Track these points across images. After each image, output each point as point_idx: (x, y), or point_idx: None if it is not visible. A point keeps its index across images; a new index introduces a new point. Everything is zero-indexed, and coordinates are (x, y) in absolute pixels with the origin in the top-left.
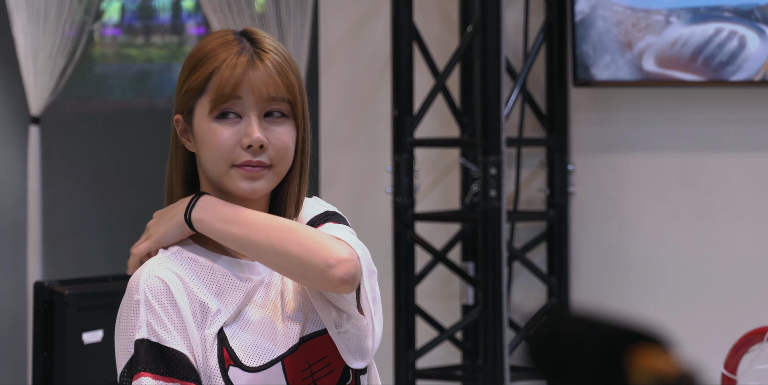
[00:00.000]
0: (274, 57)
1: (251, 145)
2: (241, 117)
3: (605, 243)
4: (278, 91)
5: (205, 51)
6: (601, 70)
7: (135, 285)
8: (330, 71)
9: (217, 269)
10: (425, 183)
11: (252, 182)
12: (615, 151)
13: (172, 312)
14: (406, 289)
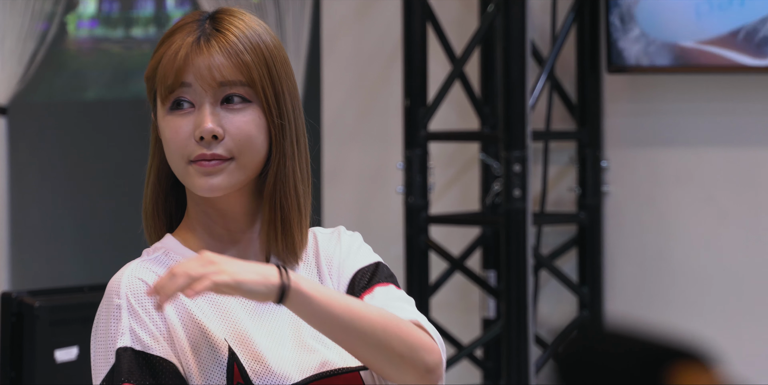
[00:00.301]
0: (227, 37)
1: (203, 137)
2: (195, 106)
3: (643, 249)
4: (231, 74)
5: (165, 35)
6: (630, 45)
7: (115, 288)
8: (333, 55)
9: None
10: (441, 182)
11: (209, 178)
12: (654, 145)
13: (157, 317)
14: (419, 301)
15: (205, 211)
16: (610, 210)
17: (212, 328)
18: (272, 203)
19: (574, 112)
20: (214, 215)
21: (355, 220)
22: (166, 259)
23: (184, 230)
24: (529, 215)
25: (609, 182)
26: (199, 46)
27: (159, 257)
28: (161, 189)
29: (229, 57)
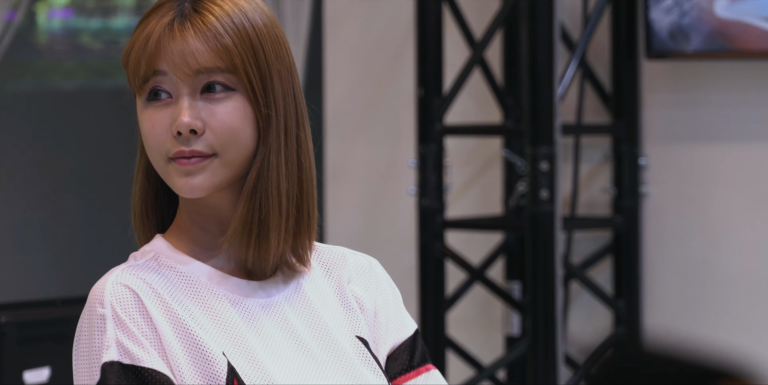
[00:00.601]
0: (206, 18)
1: (180, 132)
2: (172, 96)
3: (687, 257)
4: (209, 61)
5: (142, 17)
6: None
7: (99, 297)
8: (337, 40)
9: (204, 282)
10: (458, 182)
11: (189, 178)
12: (699, 140)
13: (146, 326)
14: (434, 316)
15: (197, 210)
16: (650, 213)
17: (208, 340)
18: (251, 202)
19: (609, 103)
20: (207, 213)
21: (361, 225)
22: (156, 264)
23: (176, 231)
24: (558, 220)
25: (648, 182)
26: (172, 29)
27: (148, 263)
28: (150, 187)
29: (206, 41)
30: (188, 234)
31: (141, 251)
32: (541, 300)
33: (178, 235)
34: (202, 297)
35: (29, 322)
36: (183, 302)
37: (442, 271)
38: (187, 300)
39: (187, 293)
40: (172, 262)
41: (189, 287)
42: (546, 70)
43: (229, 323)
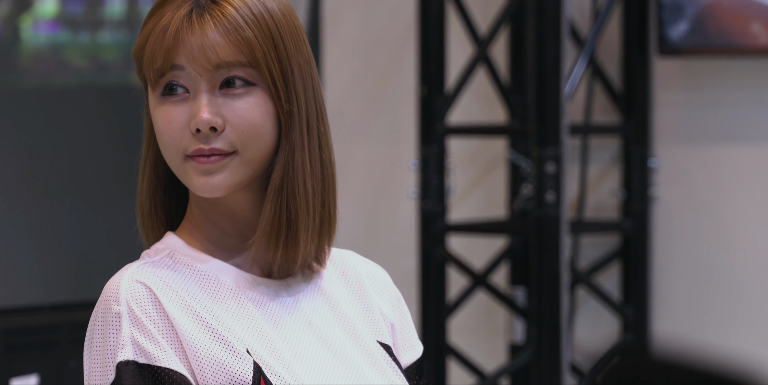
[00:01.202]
0: (225, 9)
1: (199, 129)
2: (190, 91)
3: (698, 263)
4: (229, 54)
5: (155, 5)
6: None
7: (113, 294)
8: (336, 36)
9: (224, 280)
10: (461, 184)
11: (208, 177)
12: (712, 141)
13: (163, 325)
14: (436, 322)
15: (211, 208)
16: (660, 217)
17: (232, 338)
18: (278, 202)
19: (619, 102)
20: (222, 211)
21: (361, 228)
22: (172, 261)
23: (189, 228)
24: (564, 223)
25: (658, 185)
26: (191, 21)
27: (163, 260)
28: (159, 183)
29: (226, 34)
30: (202, 232)
31: (154, 248)
32: (546, 306)
33: (191, 232)
34: (222, 295)
35: (17, 329)
36: (202, 300)
37: (443, 276)
38: (206, 298)
39: (206, 290)
40: (189, 259)
41: (207, 285)
42: (553, 67)
43: (251, 321)
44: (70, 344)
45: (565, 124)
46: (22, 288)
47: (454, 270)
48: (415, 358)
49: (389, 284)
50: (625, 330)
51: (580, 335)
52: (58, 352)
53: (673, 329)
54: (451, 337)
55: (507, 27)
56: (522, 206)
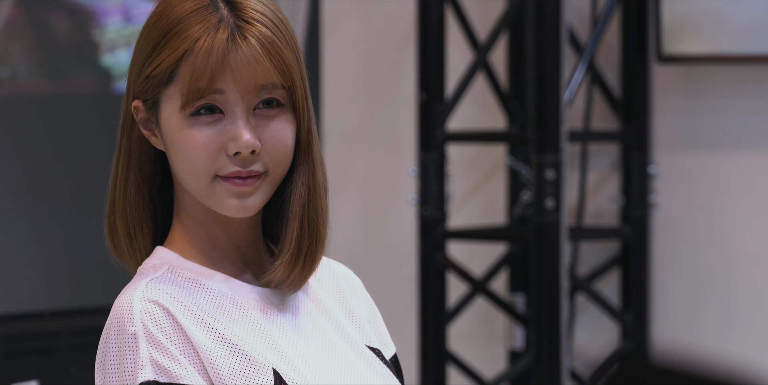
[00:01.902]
0: (261, 30)
1: (239, 152)
2: (224, 112)
3: (698, 269)
4: (269, 77)
5: (171, 21)
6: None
7: (127, 315)
8: (336, 42)
9: (226, 292)
10: (461, 190)
11: (243, 199)
12: (712, 148)
13: (180, 342)
14: (435, 329)
15: (207, 221)
16: (659, 224)
17: (249, 349)
18: (303, 220)
19: (618, 108)
20: (218, 225)
21: (360, 235)
22: (174, 277)
23: (179, 241)
24: (563, 230)
25: (658, 191)
26: (237, 45)
27: (165, 275)
28: (147, 194)
29: (269, 56)
30: (195, 244)
31: (150, 264)
32: (545, 313)
33: (183, 245)
34: (228, 308)
35: (17, 335)
36: (212, 314)
37: (443, 283)
38: (215, 311)
39: (213, 304)
40: (189, 273)
41: (213, 298)
42: (552, 74)
43: (260, 331)
44: (70, 350)
45: (564, 130)
46: (22, 294)
47: (454, 276)
48: (390, 355)
49: (362, 286)
50: (625, 337)
51: (579, 342)
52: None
53: (673, 336)
54: (451, 343)
55: (506, 33)
56: (521, 212)
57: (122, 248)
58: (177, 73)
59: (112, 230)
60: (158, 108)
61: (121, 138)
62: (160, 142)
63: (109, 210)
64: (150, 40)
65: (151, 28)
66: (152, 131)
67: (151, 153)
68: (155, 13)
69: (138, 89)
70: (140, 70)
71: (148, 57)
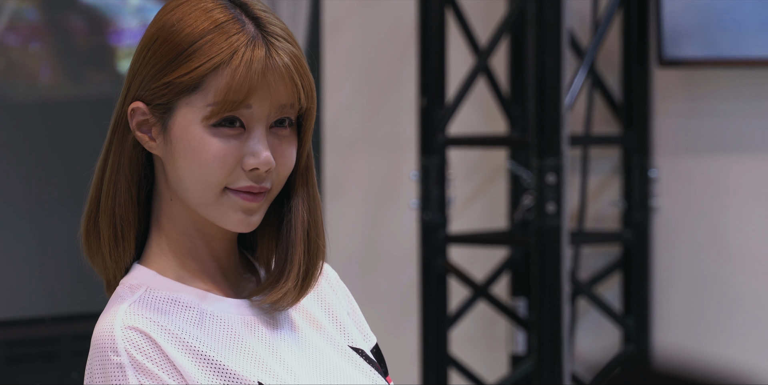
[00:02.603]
0: (290, 48)
1: (257, 168)
2: (246, 127)
3: (699, 273)
4: (293, 96)
5: (199, 29)
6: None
7: (109, 344)
8: (336, 47)
9: (206, 309)
10: (462, 195)
11: (248, 215)
12: (713, 152)
13: (167, 365)
14: (437, 333)
15: (193, 234)
16: (660, 228)
17: (235, 366)
18: (308, 245)
19: (619, 112)
20: (202, 238)
21: (361, 240)
22: (151, 298)
23: (158, 255)
24: (565, 234)
25: (659, 195)
26: (272, 61)
27: (143, 297)
28: (138, 205)
29: (300, 76)
30: (173, 257)
31: (128, 285)
32: (547, 317)
33: (160, 259)
34: (209, 325)
35: (18, 340)
36: (194, 334)
37: (444, 287)
38: (197, 331)
39: (193, 323)
40: (168, 293)
41: (194, 318)
42: (553, 78)
43: (244, 346)
44: (72, 356)
45: (565, 134)
46: (23, 300)
47: (455, 281)
48: (372, 345)
49: (337, 277)
50: (626, 341)
51: (581, 346)
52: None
53: (674, 340)
54: (453, 348)
55: (507, 38)
56: (522, 216)
57: (102, 249)
58: (205, 83)
59: (91, 230)
60: (172, 114)
61: (112, 138)
62: (158, 147)
63: (91, 209)
64: (172, 46)
65: (171, 33)
66: (150, 136)
67: (143, 158)
68: (173, 18)
69: (147, 93)
70: (156, 74)
71: (170, 63)
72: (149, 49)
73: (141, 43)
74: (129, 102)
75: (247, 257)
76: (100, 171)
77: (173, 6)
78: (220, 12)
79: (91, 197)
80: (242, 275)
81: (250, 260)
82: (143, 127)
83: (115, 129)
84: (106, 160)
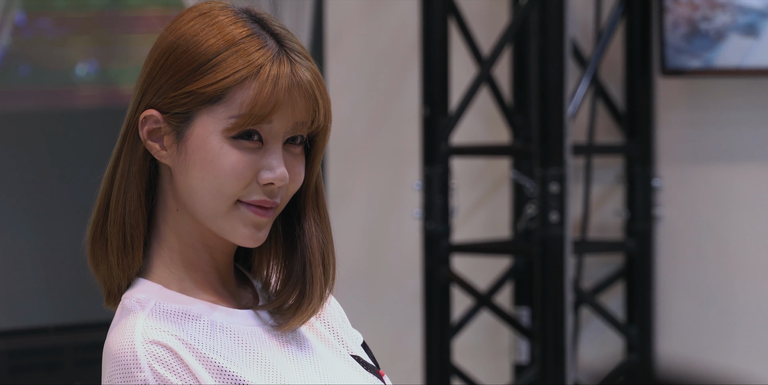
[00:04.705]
0: (309, 64)
1: (273, 183)
2: (263, 142)
3: (702, 283)
4: (310, 114)
5: (224, 40)
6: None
7: (132, 360)
8: (339, 56)
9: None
10: (465, 204)
11: (257, 231)
12: (716, 161)
13: (190, 378)
14: (440, 343)
15: (198, 246)
16: (664, 237)
17: (252, 378)
18: (325, 266)
19: (622, 122)
20: (206, 250)
21: (364, 249)
22: (163, 311)
23: (160, 267)
24: (568, 243)
25: (662, 205)
26: (297, 78)
27: (155, 310)
28: (146, 217)
29: (320, 95)
30: (176, 269)
31: (134, 298)
32: (550, 327)
33: (163, 272)
34: (221, 338)
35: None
36: (210, 346)
37: (447, 297)
38: (211, 343)
39: (206, 335)
40: (177, 306)
41: (206, 330)
42: (556, 87)
43: (259, 356)
44: (75, 366)
45: (568, 144)
46: (26, 309)
47: (459, 290)
48: (360, 341)
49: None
50: (630, 350)
51: (584, 355)
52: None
53: (677, 349)
54: (456, 357)
55: (510, 47)
56: (526, 226)
57: (110, 258)
58: (229, 95)
59: (98, 239)
60: (190, 123)
61: (122, 146)
62: (169, 157)
63: (98, 218)
64: (195, 56)
65: (194, 43)
66: (161, 144)
67: (153, 168)
68: (194, 29)
69: (164, 101)
70: (176, 83)
71: (193, 72)
72: (168, 58)
73: (157, 52)
74: (142, 110)
75: (235, 265)
76: (108, 179)
77: (191, 17)
78: (242, 26)
79: (99, 205)
80: (238, 285)
81: (238, 268)
82: (153, 136)
83: (126, 137)
84: (115, 169)
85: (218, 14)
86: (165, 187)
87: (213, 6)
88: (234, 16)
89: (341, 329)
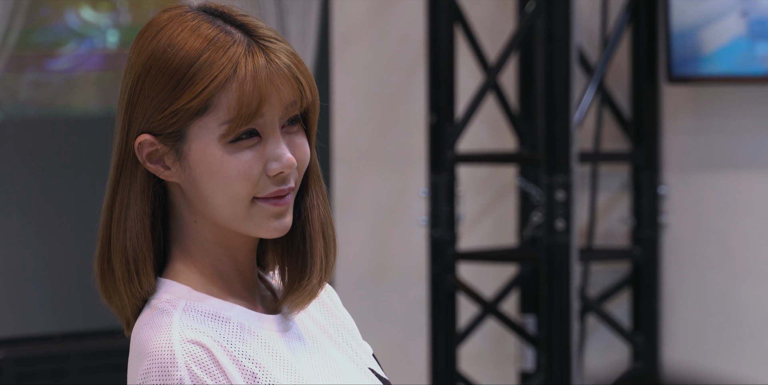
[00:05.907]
0: (284, 46)
1: (282, 172)
2: (261, 135)
3: (708, 290)
4: (296, 93)
5: (190, 54)
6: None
7: (169, 360)
8: (346, 63)
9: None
10: (471, 212)
11: (281, 219)
12: (721, 168)
13: (224, 380)
14: (446, 350)
15: (217, 249)
16: (670, 244)
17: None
18: (326, 239)
19: (628, 129)
20: (226, 253)
21: (370, 257)
22: (194, 311)
23: (184, 272)
24: (574, 251)
25: (668, 212)
26: (274, 64)
27: (188, 310)
28: (150, 231)
29: (301, 73)
30: (202, 274)
31: (164, 299)
32: (556, 334)
33: (189, 276)
34: (250, 341)
35: (28, 358)
36: (241, 350)
37: (453, 304)
38: (242, 346)
39: (237, 338)
40: (207, 307)
41: (236, 333)
42: (563, 95)
43: (285, 362)
44: (81, 373)
45: (574, 151)
46: (33, 317)
47: (465, 298)
48: (371, 352)
49: (335, 292)
50: (636, 358)
51: (590, 363)
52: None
53: (683, 357)
54: (462, 365)
55: (516, 55)
56: (532, 233)
57: (119, 288)
58: (213, 103)
59: (105, 271)
60: (185, 140)
61: (118, 175)
62: (175, 175)
63: (103, 250)
64: (170, 74)
65: (165, 61)
66: (163, 165)
67: (158, 188)
68: (161, 44)
69: (153, 125)
70: (160, 104)
71: (173, 90)
72: (144, 81)
73: (132, 76)
74: (134, 137)
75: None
76: (107, 209)
77: (154, 32)
78: (207, 27)
79: (102, 237)
80: (262, 290)
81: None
82: (153, 158)
83: (121, 165)
84: (113, 198)
85: (179, 23)
86: (178, 203)
87: (171, 15)
88: (195, 21)
89: (355, 342)
